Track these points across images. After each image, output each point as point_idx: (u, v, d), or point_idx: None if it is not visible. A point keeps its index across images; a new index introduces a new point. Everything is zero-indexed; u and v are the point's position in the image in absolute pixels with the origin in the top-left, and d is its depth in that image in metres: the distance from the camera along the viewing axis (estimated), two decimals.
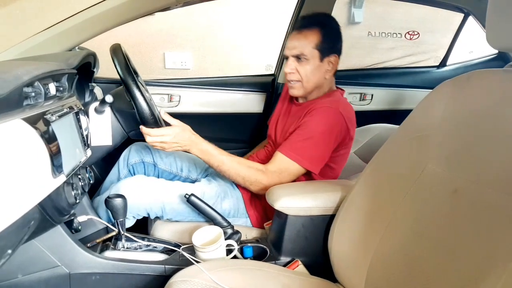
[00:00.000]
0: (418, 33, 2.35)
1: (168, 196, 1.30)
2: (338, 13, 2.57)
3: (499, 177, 0.72)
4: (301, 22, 1.40)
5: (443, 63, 2.14)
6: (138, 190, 1.30)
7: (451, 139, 0.85)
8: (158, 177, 1.50)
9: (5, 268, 0.93)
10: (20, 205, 0.67)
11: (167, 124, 1.26)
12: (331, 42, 1.35)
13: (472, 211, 0.74)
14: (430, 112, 0.93)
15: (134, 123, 1.35)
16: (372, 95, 1.97)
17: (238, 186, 1.41)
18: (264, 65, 2.39)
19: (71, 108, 0.97)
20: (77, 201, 0.96)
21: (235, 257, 1.15)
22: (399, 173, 0.95)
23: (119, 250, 1.13)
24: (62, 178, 0.82)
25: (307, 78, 1.35)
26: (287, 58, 1.38)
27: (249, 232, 1.33)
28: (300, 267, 1.12)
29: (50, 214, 0.84)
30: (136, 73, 1.42)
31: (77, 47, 1.49)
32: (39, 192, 0.73)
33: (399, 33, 2.36)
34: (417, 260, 0.82)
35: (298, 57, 1.33)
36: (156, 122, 1.24)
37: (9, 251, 0.71)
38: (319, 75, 1.36)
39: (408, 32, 2.35)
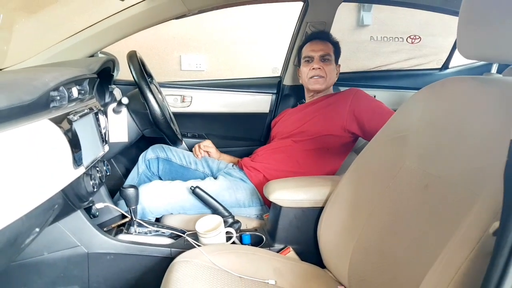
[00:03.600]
0: (420, 37, 2.39)
1: (181, 196, 1.44)
2: (347, 16, 2.64)
3: (462, 174, 0.79)
4: (318, 35, 1.75)
5: (445, 66, 2.18)
6: (156, 194, 1.44)
7: (425, 139, 0.93)
8: (171, 170, 1.67)
9: (34, 246, 1.08)
10: (46, 190, 0.78)
11: (179, 126, 1.52)
12: (338, 54, 1.74)
13: (438, 205, 0.82)
14: (409, 115, 1.01)
15: (148, 122, 1.48)
16: (374, 96, 2.00)
17: (251, 179, 1.54)
18: (271, 68, 2.48)
19: (91, 109, 1.08)
20: (95, 189, 1.07)
21: (234, 243, 1.26)
22: (380, 169, 1.03)
23: (131, 234, 1.25)
24: (81, 170, 0.94)
25: (330, 75, 1.68)
26: (311, 58, 1.68)
27: (249, 222, 1.44)
28: (291, 253, 1.22)
29: (71, 200, 0.95)
30: (150, 76, 1.56)
31: (99, 52, 1.63)
32: (62, 180, 0.85)
33: (401, 37, 2.42)
34: (390, 248, 0.90)
35: (323, 57, 1.66)
36: (166, 122, 1.37)
37: (37, 230, 0.83)
38: (334, 75, 1.72)
39: (409, 36, 2.40)
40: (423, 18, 2.44)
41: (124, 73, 1.69)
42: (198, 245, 1.16)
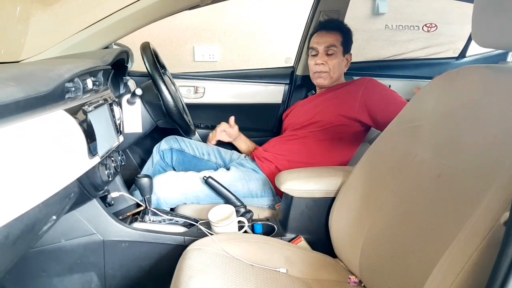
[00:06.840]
0: (436, 25, 2.34)
1: (195, 187, 1.46)
2: (362, 4, 2.59)
3: (474, 164, 0.78)
4: (326, 24, 1.67)
5: (462, 54, 2.13)
6: (171, 185, 1.46)
7: (438, 129, 0.93)
8: (184, 160, 1.68)
9: (51, 233, 1.11)
10: (62, 179, 0.80)
11: (191, 116, 1.50)
12: (348, 43, 1.66)
13: (450, 194, 0.82)
14: (423, 104, 1.00)
15: (161, 113, 1.49)
16: (389, 86, 1.98)
17: (263, 170, 1.55)
18: (284, 58, 2.47)
19: (105, 100, 1.10)
20: (110, 179, 1.10)
21: (246, 232, 1.27)
22: (393, 159, 1.03)
23: (146, 222, 1.27)
24: (97, 159, 0.95)
25: (334, 70, 1.63)
26: (315, 52, 1.63)
27: (261, 212, 1.45)
28: (303, 243, 1.23)
29: (87, 189, 0.98)
30: (164, 67, 1.57)
31: (113, 44, 1.64)
32: (77, 169, 0.86)
33: (416, 26, 2.37)
34: (401, 237, 0.90)
35: (327, 50, 1.60)
36: (179, 113, 1.39)
37: (54, 217, 0.85)
38: (341, 68, 1.66)
39: (425, 25, 2.35)
40: (440, 6, 2.39)
41: (138, 64, 1.71)
42: (211, 234, 1.17)
